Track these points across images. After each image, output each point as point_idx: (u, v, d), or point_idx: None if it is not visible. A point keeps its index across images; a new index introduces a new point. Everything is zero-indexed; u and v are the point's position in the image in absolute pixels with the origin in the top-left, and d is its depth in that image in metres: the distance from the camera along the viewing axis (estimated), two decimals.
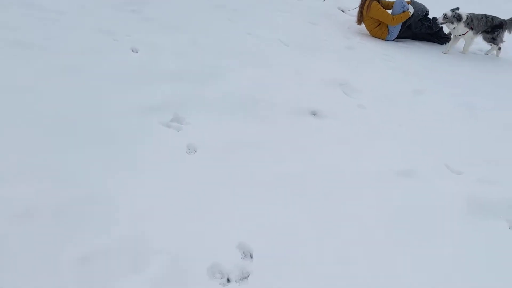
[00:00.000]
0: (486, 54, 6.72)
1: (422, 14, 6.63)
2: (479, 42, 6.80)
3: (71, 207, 2.44)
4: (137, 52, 4.33)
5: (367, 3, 6.50)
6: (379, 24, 6.57)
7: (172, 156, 3.11)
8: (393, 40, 6.68)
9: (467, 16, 6.31)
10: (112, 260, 2.17)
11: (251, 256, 2.42)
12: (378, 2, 6.56)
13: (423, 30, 6.66)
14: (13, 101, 3.30)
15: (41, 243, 2.20)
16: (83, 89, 3.67)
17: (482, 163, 3.66)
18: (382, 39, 6.67)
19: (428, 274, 2.44)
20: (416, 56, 6.25)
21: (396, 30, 6.61)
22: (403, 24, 6.56)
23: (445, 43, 6.75)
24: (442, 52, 6.47)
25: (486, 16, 6.30)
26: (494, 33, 6.33)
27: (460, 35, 6.38)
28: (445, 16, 6.29)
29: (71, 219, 2.37)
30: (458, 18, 6.22)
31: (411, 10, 6.50)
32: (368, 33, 6.76)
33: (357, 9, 6.70)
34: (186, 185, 2.83)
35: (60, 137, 3.03)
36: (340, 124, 3.98)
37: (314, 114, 4.12)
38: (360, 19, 6.69)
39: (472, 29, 6.26)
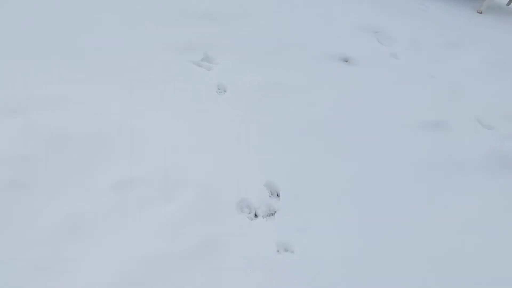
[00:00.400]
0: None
1: None
2: None
3: (106, 137, 2.52)
4: None
5: None
6: None
7: (202, 94, 3.13)
8: None
9: None
10: (146, 187, 2.26)
11: (278, 195, 2.48)
12: None
13: None
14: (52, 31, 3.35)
15: (77, 167, 2.29)
16: (120, 24, 3.69)
17: None
18: None
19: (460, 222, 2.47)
20: (454, 9, 6.00)
21: None
22: None
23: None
24: (477, 11, 6.16)
25: None
26: None
27: None
28: None
29: (106, 148, 2.45)
30: None
31: None
32: None
33: None
34: (216, 123, 2.87)
35: (93, 70, 3.07)
36: (372, 71, 3.91)
37: (346, 60, 4.04)
38: None
39: None
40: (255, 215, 2.35)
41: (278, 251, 2.16)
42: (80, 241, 1.96)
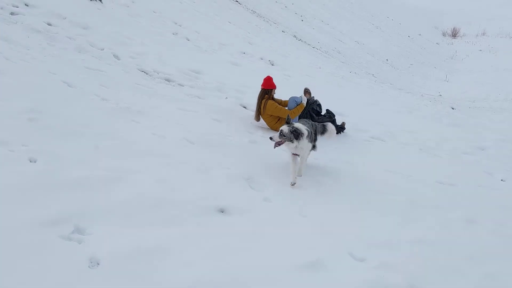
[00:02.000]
0: None
1: (315, 104, 7.27)
2: None
3: None
4: (35, 162, 4.16)
5: (263, 103, 6.99)
6: (279, 119, 7.06)
7: (72, 272, 2.94)
8: None
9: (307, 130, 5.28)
10: None
11: None
12: (274, 100, 7.09)
13: (324, 119, 7.21)
14: None
15: None
16: None
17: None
18: None
19: None
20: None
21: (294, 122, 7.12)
22: (300, 116, 7.11)
23: (341, 132, 7.33)
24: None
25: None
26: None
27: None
28: (281, 133, 5.11)
29: None
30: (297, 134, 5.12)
31: (304, 101, 7.10)
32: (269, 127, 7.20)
33: (256, 107, 7.14)
34: None
35: None
36: (246, 220, 4.09)
37: (222, 211, 4.18)
38: (258, 116, 7.12)
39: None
40: None
41: None
42: None
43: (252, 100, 7.82)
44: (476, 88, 13.12)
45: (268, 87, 7.07)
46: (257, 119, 7.19)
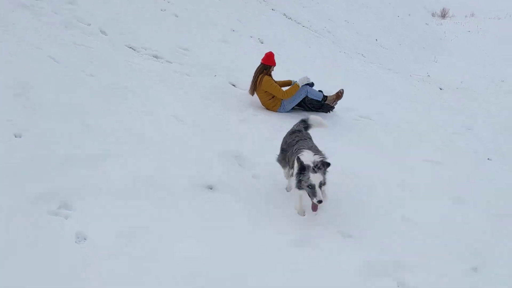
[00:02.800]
0: None
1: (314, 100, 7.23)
2: None
3: None
4: (20, 137, 4.11)
5: (259, 78, 6.91)
6: (273, 97, 7.01)
7: (58, 246, 2.96)
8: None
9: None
10: None
11: None
12: (271, 77, 7.01)
13: (314, 102, 7.19)
14: None
15: None
16: None
17: None
18: (273, 111, 7.09)
19: None
20: None
21: (289, 104, 7.09)
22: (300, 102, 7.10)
23: (330, 111, 7.29)
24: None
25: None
26: None
27: None
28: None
29: None
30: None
31: (299, 82, 7.04)
32: (261, 105, 7.14)
33: (251, 81, 7.05)
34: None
35: None
36: (236, 197, 4.11)
37: (210, 188, 4.19)
38: (253, 90, 7.04)
39: None
40: None
41: None
42: None
43: (242, 78, 7.76)
44: (463, 69, 13.15)
45: (267, 63, 6.96)
46: (252, 93, 7.11)
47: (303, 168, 3.65)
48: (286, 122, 6.56)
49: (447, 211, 4.57)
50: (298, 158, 3.69)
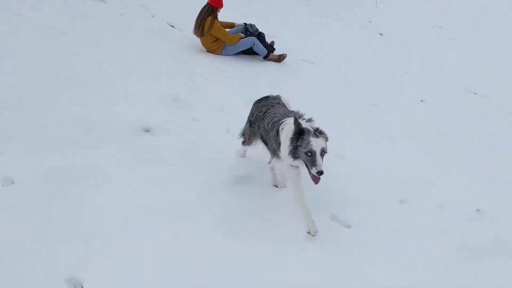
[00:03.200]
0: None
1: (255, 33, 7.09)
2: None
3: None
4: None
5: (208, 21, 6.60)
6: (216, 40, 6.79)
7: None
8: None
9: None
10: None
11: None
12: (217, 19, 6.75)
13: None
14: None
15: None
16: None
17: None
18: (214, 54, 6.90)
19: None
20: (245, 70, 6.57)
21: (232, 50, 6.94)
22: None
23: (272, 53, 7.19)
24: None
25: None
26: None
27: None
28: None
29: None
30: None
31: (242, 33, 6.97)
32: (201, 47, 6.90)
33: (196, 21, 6.73)
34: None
35: None
36: (174, 139, 4.05)
37: (147, 131, 4.09)
38: (202, 32, 6.71)
39: None
40: None
41: None
42: None
43: (179, 19, 7.46)
44: (405, 13, 13.30)
45: (215, 4, 6.64)
46: (199, 35, 6.81)
47: (301, 132, 2.98)
48: (227, 66, 6.47)
49: (382, 150, 4.78)
50: (296, 120, 2.99)
